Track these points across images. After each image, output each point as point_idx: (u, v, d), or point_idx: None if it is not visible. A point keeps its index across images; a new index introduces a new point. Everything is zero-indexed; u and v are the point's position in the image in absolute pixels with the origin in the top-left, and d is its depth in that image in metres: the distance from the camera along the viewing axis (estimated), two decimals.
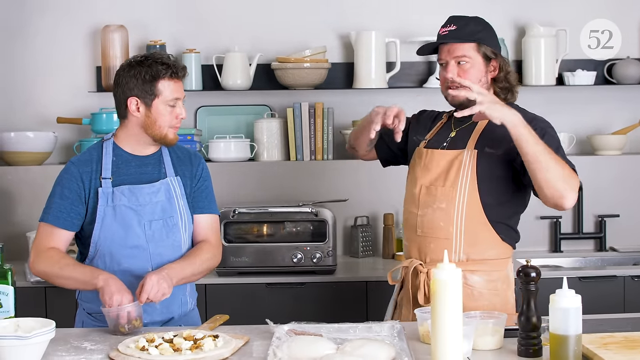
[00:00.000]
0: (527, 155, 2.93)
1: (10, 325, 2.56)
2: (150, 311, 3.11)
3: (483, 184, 3.13)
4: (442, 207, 3.17)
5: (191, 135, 4.79)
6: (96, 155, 3.17)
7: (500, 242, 3.19)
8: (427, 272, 3.19)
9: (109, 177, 3.13)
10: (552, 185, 2.92)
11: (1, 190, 4.87)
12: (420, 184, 3.25)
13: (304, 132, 4.94)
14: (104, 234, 3.11)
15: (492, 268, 3.17)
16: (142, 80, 3.07)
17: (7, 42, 5.04)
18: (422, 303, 3.16)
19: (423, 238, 3.22)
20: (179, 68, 3.12)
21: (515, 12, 5.07)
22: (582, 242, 5.03)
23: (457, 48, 3.19)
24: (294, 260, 4.29)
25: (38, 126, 5.03)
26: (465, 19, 3.23)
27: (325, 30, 5.08)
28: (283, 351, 2.51)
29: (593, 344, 2.50)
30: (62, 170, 3.18)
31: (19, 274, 4.30)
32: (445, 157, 3.21)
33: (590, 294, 3.79)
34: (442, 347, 2.33)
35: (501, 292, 3.19)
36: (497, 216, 3.16)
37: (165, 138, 3.14)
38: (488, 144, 3.15)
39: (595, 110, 5.13)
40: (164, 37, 4.99)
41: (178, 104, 3.13)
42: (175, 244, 3.18)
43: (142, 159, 3.20)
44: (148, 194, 3.14)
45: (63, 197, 3.11)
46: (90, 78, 5.07)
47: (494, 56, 3.20)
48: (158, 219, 3.15)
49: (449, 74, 3.19)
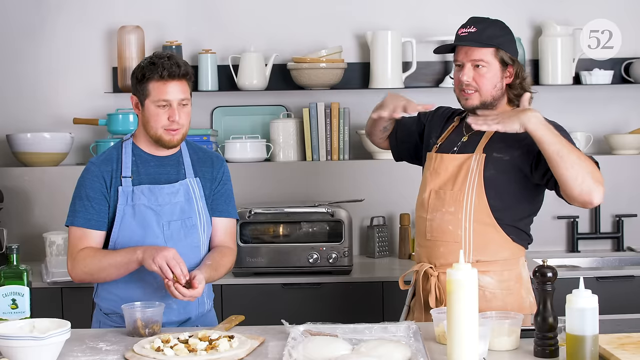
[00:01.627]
0: (550, 154, 2.91)
1: (26, 326, 2.56)
2: (167, 312, 3.10)
3: (490, 187, 3.11)
4: (450, 211, 3.16)
5: (207, 136, 4.79)
6: (116, 154, 3.17)
7: (511, 243, 3.16)
8: (438, 275, 3.18)
9: (129, 175, 3.13)
10: (580, 182, 2.89)
11: (18, 191, 4.89)
12: (430, 189, 3.24)
13: (320, 132, 4.93)
14: (122, 232, 3.11)
15: (503, 268, 3.14)
16: (136, 79, 3.10)
17: (23, 42, 5.06)
18: (433, 307, 3.15)
19: (432, 242, 3.21)
20: (170, 70, 3.04)
21: (531, 11, 5.06)
22: (599, 242, 5.01)
23: (475, 51, 3.15)
24: (309, 260, 4.29)
25: (54, 127, 5.05)
26: (486, 22, 3.19)
27: (341, 30, 5.07)
28: (298, 352, 2.50)
29: (610, 344, 2.48)
30: (82, 172, 3.17)
31: (36, 274, 4.31)
32: (454, 162, 3.20)
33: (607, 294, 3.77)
34: (458, 347, 2.33)
35: (514, 291, 3.16)
36: (506, 219, 3.14)
37: (159, 139, 3.11)
38: (496, 149, 3.14)
39: (612, 109, 5.11)
40: (180, 37, 5.00)
41: (173, 105, 3.06)
42: (193, 244, 3.18)
43: (161, 159, 3.20)
44: (168, 194, 3.14)
45: (89, 198, 3.10)
46: (106, 79, 5.08)
47: (511, 62, 3.17)
48: (177, 220, 3.15)
49: (464, 77, 3.16)
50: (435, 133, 3.39)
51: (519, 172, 3.12)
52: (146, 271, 3.03)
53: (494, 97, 3.17)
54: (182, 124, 3.10)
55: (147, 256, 2.92)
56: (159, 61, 3.06)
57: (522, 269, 3.22)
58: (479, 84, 3.15)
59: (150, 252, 2.92)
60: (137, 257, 2.96)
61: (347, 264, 4.31)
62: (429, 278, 3.21)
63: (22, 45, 5.06)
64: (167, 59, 3.07)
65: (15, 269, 2.83)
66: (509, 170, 3.12)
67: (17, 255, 2.85)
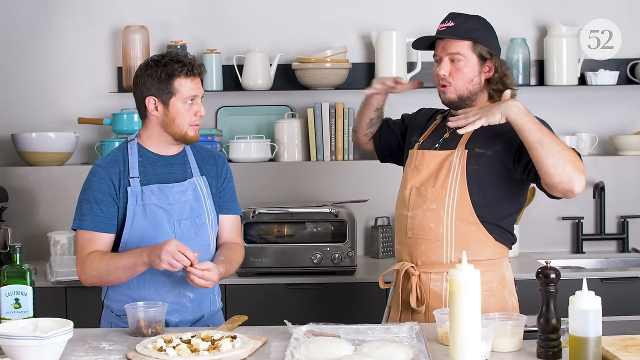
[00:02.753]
0: (531, 142, 2.89)
1: (28, 325, 2.57)
2: (181, 310, 3.13)
3: (473, 184, 3.09)
4: (432, 208, 3.13)
5: (212, 136, 4.79)
6: (122, 155, 3.16)
7: (493, 242, 3.13)
8: (419, 275, 3.17)
9: (137, 176, 3.12)
10: (560, 170, 2.86)
11: (22, 190, 4.89)
12: (411, 186, 3.22)
13: (325, 133, 4.93)
14: (133, 233, 3.10)
15: (485, 268, 3.06)
16: (158, 79, 3.07)
17: (29, 42, 5.06)
18: (414, 307, 3.13)
19: (414, 240, 3.18)
20: (194, 65, 3.10)
21: (537, 12, 5.05)
22: (604, 243, 5.00)
23: (451, 45, 3.15)
24: (313, 260, 4.29)
25: (59, 126, 5.05)
26: (464, 17, 3.19)
27: (346, 31, 5.07)
28: (301, 352, 2.50)
29: (613, 346, 2.48)
30: (89, 174, 3.15)
31: (40, 274, 4.31)
32: (436, 158, 3.18)
33: (612, 296, 3.77)
34: (460, 348, 2.33)
35: (497, 292, 3.12)
36: (489, 217, 3.11)
37: (185, 136, 3.13)
38: (478, 144, 3.12)
39: (617, 110, 5.10)
40: (184, 37, 5.00)
41: (196, 101, 3.12)
42: (203, 242, 3.19)
43: (167, 159, 3.20)
44: (177, 192, 3.15)
45: (97, 201, 3.08)
46: (111, 78, 5.09)
47: (490, 56, 3.15)
48: (187, 218, 3.15)
49: (441, 70, 3.16)
50: (417, 132, 3.39)
51: (501, 166, 3.09)
52: (157, 271, 3.05)
53: (470, 92, 3.16)
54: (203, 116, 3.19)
55: (153, 257, 2.91)
56: (183, 59, 3.09)
57: (506, 270, 3.19)
58: (455, 77, 3.14)
59: (155, 253, 2.91)
60: (143, 260, 2.95)
61: (351, 264, 4.31)
62: (410, 277, 3.19)
63: (27, 44, 5.07)
64: (185, 55, 3.12)
65: (18, 268, 2.83)
66: (491, 165, 3.09)
67: (21, 254, 2.86)
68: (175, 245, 2.88)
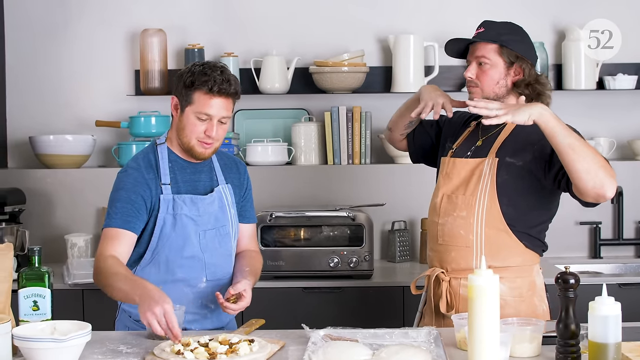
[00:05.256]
0: (562, 147, 2.88)
1: (47, 328, 2.57)
2: (201, 321, 3.13)
3: (503, 193, 3.10)
4: (462, 216, 3.15)
5: (229, 139, 4.79)
6: (154, 160, 3.11)
7: (524, 249, 3.14)
8: (449, 280, 3.17)
9: (168, 182, 3.08)
10: (593, 175, 2.86)
11: (40, 192, 4.91)
12: (442, 193, 3.24)
13: (342, 136, 4.93)
14: (162, 242, 3.07)
15: (515, 275, 3.11)
16: (183, 83, 3.02)
17: (47, 45, 5.08)
18: (444, 312, 3.14)
19: (444, 247, 3.20)
20: (221, 86, 2.98)
21: (555, 16, 5.03)
22: (622, 248, 4.97)
23: (478, 48, 3.19)
24: (330, 264, 4.28)
25: (77, 129, 5.07)
26: (495, 23, 3.22)
27: (363, 34, 5.07)
28: (319, 356, 2.50)
29: (633, 352, 2.46)
30: (122, 175, 3.08)
31: (57, 276, 4.33)
32: (467, 166, 3.19)
33: (630, 301, 3.74)
34: (478, 353, 2.32)
35: (527, 298, 3.13)
36: (519, 226, 3.12)
37: (191, 150, 3.06)
38: (509, 153, 3.13)
39: (636, 114, 5.08)
40: (202, 40, 5.01)
41: (213, 120, 3.01)
42: (226, 253, 3.18)
43: (195, 166, 3.16)
44: (207, 204, 3.12)
45: (129, 201, 3.01)
46: (128, 82, 5.10)
47: (517, 60, 3.17)
48: (212, 229, 3.13)
49: (467, 73, 3.21)
50: (452, 137, 3.40)
51: (532, 176, 3.10)
52: (179, 282, 3.05)
53: (497, 94, 3.18)
54: (217, 139, 3.06)
55: (142, 305, 2.72)
56: (211, 73, 2.98)
57: (536, 276, 3.19)
58: (481, 80, 3.18)
59: (145, 303, 2.71)
60: (134, 298, 2.79)
61: (368, 268, 4.30)
62: (440, 283, 3.20)
63: (45, 47, 5.09)
64: (220, 72, 2.99)
65: (37, 270, 2.83)
66: (522, 176, 3.10)
67: (39, 257, 2.85)
68: (163, 312, 2.66)
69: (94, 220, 4.93)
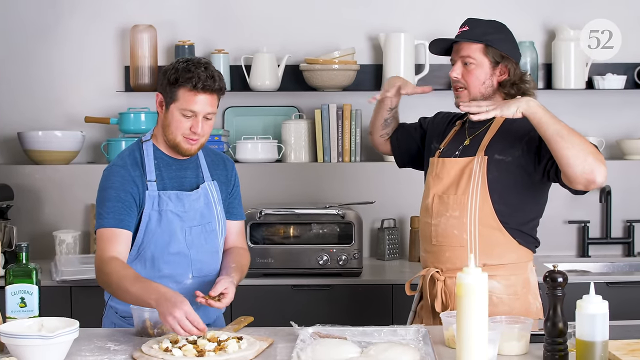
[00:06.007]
0: (550, 135, 2.90)
1: (34, 325, 2.57)
2: None
3: (494, 190, 3.11)
4: (455, 215, 3.15)
5: (219, 136, 4.79)
6: (139, 157, 3.11)
7: (517, 246, 3.15)
8: (445, 280, 3.18)
9: (154, 179, 3.07)
10: (582, 160, 2.86)
11: (29, 189, 4.90)
12: (433, 194, 3.23)
13: (332, 134, 4.93)
14: (147, 238, 3.06)
15: (510, 272, 3.13)
16: (167, 80, 3.02)
17: (36, 41, 5.07)
18: (439, 312, 3.14)
19: (438, 247, 3.20)
20: (205, 83, 2.97)
21: (545, 15, 5.04)
22: (610, 247, 4.99)
23: (463, 48, 3.18)
24: (319, 262, 4.28)
25: (66, 125, 5.06)
26: (479, 22, 3.22)
27: (354, 32, 5.07)
28: (307, 354, 2.50)
29: (620, 350, 2.47)
30: (108, 174, 3.07)
31: (45, 273, 4.31)
32: (456, 166, 3.19)
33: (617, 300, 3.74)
34: (467, 351, 2.32)
35: (521, 296, 3.14)
36: (512, 223, 3.12)
37: (177, 146, 3.06)
38: (497, 151, 3.13)
39: (625, 114, 5.09)
40: (192, 37, 4.99)
41: (198, 117, 3.00)
42: (213, 249, 3.17)
43: (181, 163, 3.16)
44: (193, 200, 3.11)
45: (119, 199, 3.00)
46: (118, 78, 5.09)
47: (502, 60, 3.17)
48: (197, 225, 3.12)
49: (453, 73, 3.20)
50: (437, 138, 3.39)
51: (522, 172, 3.10)
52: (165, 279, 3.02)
53: (483, 95, 3.18)
54: (202, 135, 3.05)
55: (161, 309, 2.70)
56: (195, 70, 2.97)
57: (530, 274, 3.20)
58: (467, 80, 3.18)
59: (163, 306, 2.68)
60: (149, 302, 2.76)
61: (357, 266, 4.30)
62: (435, 283, 3.20)
63: (34, 43, 5.07)
64: (204, 69, 2.98)
65: (24, 267, 2.82)
66: (512, 172, 3.11)
67: (27, 253, 2.84)
68: (184, 314, 2.65)
69: (82, 217, 4.92)
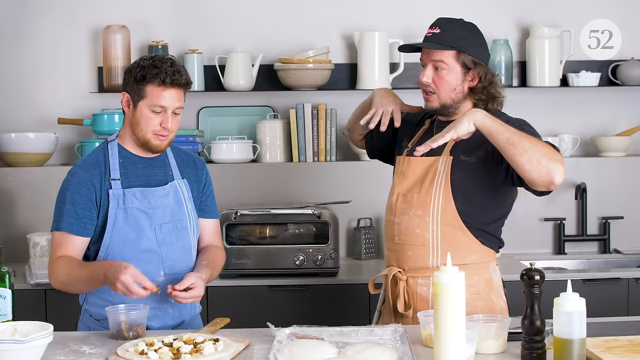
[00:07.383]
0: (501, 144, 2.88)
1: (7, 329, 2.54)
2: (162, 316, 3.11)
3: (457, 190, 3.09)
4: (418, 214, 3.14)
5: (193, 137, 4.76)
6: (102, 156, 3.12)
7: (480, 246, 3.13)
8: (407, 280, 3.17)
9: (118, 178, 3.08)
10: (536, 165, 2.84)
11: (1, 191, 4.85)
12: (398, 192, 3.23)
13: (307, 133, 4.92)
14: (115, 237, 3.06)
15: (472, 272, 3.06)
16: (133, 78, 3.03)
17: (8, 41, 5.02)
18: (401, 311, 3.13)
19: (401, 246, 3.19)
20: (173, 77, 3.00)
21: (519, 13, 5.05)
22: (586, 244, 5.00)
23: (435, 53, 3.12)
24: (296, 262, 4.27)
25: (39, 127, 5.01)
26: (452, 23, 3.15)
27: (328, 31, 5.06)
28: (284, 355, 2.49)
29: (597, 347, 2.47)
30: (68, 175, 3.10)
31: (19, 276, 4.27)
32: (421, 165, 3.18)
33: (594, 297, 3.76)
34: (445, 351, 2.32)
35: (484, 295, 3.12)
36: (474, 223, 3.11)
37: (147, 143, 3.08)
38: (463, 152, 3.12)
39: (599, 111, 5.11)
40: (166, 37, 4.97)
41: (166, 113, 3.03)
42: (185, 247, 3.17)
43: (148, 161, 3.16)
44: (159, 197, 3.11)
45: (74, 202, 3.03)
46: (91, 78, 5.05)
47: (474, 66, 3.13)
48: (168, 222, 3.12)
49: (423, 77, 3.15)
50: (407, 136, 3.37)
51: (485, 173, 3.09)
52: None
53: (453, 100, 3.15)
54: (172, 131, 3.08)
55: (111, 279, 2.83)
56: (162, 65, 3.00)
57: (493, 273, 3.18)
58: (438, 86, 3.14)
59: (112, 275, 2.82)
60: (99, 278, 2.89)
61: (334, 265, 4.29)
62: (398, 282, 3.19)
63: (6, 44, 5.03)
64: (170, 64, 3.01)
65: None
66: (476, 173, 3.10)
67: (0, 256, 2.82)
68: (131, 276, 2.80)
69: None
